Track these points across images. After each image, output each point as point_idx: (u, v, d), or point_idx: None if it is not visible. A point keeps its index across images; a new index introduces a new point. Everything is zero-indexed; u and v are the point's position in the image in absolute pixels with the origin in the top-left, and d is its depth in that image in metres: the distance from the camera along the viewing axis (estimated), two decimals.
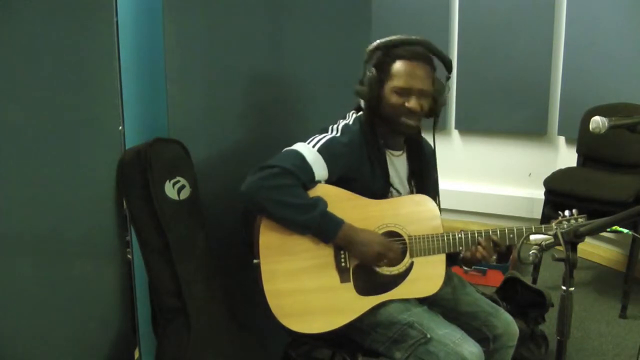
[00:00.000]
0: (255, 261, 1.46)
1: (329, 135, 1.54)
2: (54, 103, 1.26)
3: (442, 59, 1.59)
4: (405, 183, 1.68)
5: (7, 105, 1.16)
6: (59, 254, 1.31)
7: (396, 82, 1.53)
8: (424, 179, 1.69)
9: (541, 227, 1.56)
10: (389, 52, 1.55)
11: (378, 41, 1.57)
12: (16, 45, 1.16)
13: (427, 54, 1.56)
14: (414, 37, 1.56)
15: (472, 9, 3.77)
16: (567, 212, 1.59)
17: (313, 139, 1.52)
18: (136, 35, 1.52)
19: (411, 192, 1.68)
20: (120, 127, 1.49)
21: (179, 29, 1.57)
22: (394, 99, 1.54)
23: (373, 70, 1.55)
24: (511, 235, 1.56)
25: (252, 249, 1.49)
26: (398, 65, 1.54)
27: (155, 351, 1.52)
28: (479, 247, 1.55)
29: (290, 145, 1.52)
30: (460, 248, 1.56)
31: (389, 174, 1.62)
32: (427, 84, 1.55)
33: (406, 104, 1.53)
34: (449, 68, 1.60)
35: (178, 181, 1.53)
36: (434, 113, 1.61)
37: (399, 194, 1.64)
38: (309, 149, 1.48)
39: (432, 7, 3.89)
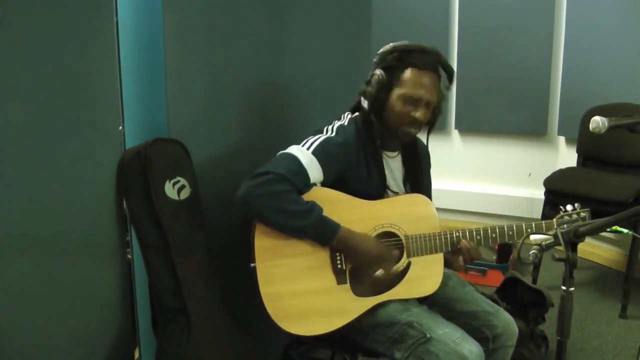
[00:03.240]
0: (252, 265, 1.47)
1: (323, 136, 1.53)
2: (54, 103, 1.26)
3: (448, 69, 1.57)
4: (401, 184, 1.68)
5: (7, 105, 1.16)
6: (59, 254, 1.30)
7: (406, 90, 1.51)
8: (419, 179, 1.69)
9: (541, 223, 1.56)
10: (402, 58, 1.52)
11: (392, 44, 1.54)
12: (16, 45, 1.16)
13: (437, 64, 1.54)
14: (425, 44, 1.54)
15: (472, 9, 3.77)
16: (569, 207, 1.58)
17: (307, 140, 1.52)
18: (136, 35, 1.52)
19: (406, 193, 1.68)
20: (120, 127, 1.49)
21: (179, 29, 1.57)
22: (401, 106, 1.52)
23: (383, 73, 1.52)
24: (510, 233, 1.56)
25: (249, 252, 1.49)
26: (410, 73, 1.51)
27: (155, 351, 1.52)
28: (464, 248, 1.55)
29: (288, 145, 1.52)
30: (459, 246, 1.56)
31: (385, 175, 1.62)
32: (434, 95, 1.54)
33: (412, 114, 1.52)
34: (451, 79, 1.58)
35: (178, 181, 1.53)
36: (431, 122, 1.60)
37: (395, 194, 1.64)
38: (303, 152, 1.47)
39: (432, 7, 3.89)
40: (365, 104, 1.57)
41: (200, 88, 1.67)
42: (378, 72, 1.53)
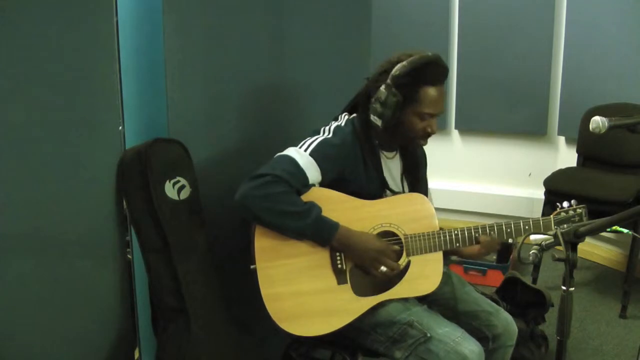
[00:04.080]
0: (252, 267, 1.47)
1: (320, 137, 1.53)
2: (54, 103, 1.26)
3: (446, 72, 1.55)
4: (399, 183, 1.68)
5: (8, 105, 1.16)
6: (59, 254, 1.31)
7: (423, 109, 1.50)
8: (417, 178, 1.70)
9: (539, 220, 1.56)
10: (414, 75, 1.48)
11: (404, 64, 1.48)
12: (16, 45, 1.17)
13: (445, 75, 1.53)
14: (429, 53, 1.51)
15: (472, 9, 3.77)
16: (565, 204, 1.59)
17: (305, 142, 1.52)
18: (136, 35, 1.52)
19: (405, 192, 1.68)
20: (120, 127, 1.49)
21: (179, 29, 1.57)
22: (417, 123, 1.52)
23: (398, 93, 1.48)
24: (509, 230, 1.56)
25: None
26: (426, 92, 1.49)
27: (155, 351, 1.53)
28: (480, 242, 1.55)
29: (288, 145, 1.52)
30: (457, 245, 1.56)
31: (384, 175, 1.62)
32: (444, 105, 1.54)
33: (427, 130, 1.53)
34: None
35: (178, 181, 1.53)
36: None
37: (394, 194, 1.64)
38: (300, 154, 1.47)
39: (432, 7, 3.88)
40: (377, 121, 1.53)
41: (200, 88, 1.67)
42: (394, 92, 1.48)
